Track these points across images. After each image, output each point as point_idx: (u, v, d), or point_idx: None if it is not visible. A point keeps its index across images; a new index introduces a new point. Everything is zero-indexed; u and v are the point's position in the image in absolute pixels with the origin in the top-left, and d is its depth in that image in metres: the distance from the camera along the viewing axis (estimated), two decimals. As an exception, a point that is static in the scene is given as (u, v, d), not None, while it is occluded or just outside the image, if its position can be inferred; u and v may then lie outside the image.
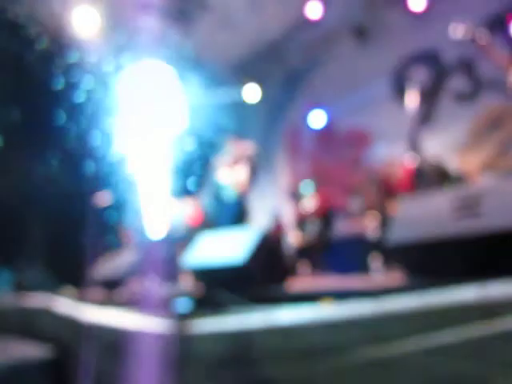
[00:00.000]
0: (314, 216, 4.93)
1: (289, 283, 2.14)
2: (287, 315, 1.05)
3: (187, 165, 4.93)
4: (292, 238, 5.13)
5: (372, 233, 4.07)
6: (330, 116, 6.34)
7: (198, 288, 2.28)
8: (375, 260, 3.81)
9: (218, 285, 1.99)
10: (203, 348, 1.19)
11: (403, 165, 3.98)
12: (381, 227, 3.89)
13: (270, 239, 2.20)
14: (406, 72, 5.50)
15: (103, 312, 1.68)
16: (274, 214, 5.74)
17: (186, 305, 1.74)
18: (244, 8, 5.49)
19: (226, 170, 3.84)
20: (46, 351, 1.82)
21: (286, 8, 5.74)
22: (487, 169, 4.45)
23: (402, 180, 3.79)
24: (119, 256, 3.38)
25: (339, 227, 5.50)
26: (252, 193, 4.00)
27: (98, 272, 3.24)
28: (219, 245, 2.21)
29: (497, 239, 1.15)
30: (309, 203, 5.04)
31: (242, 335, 1.10)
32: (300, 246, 4.89)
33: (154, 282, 2.46)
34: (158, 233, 3.78)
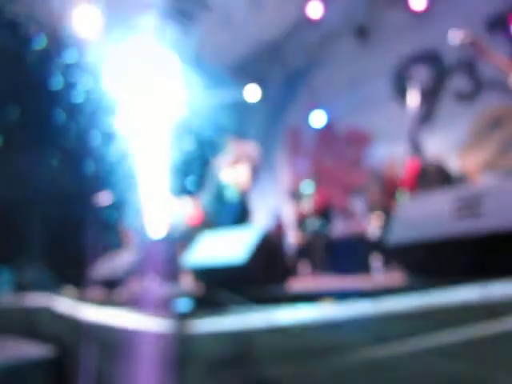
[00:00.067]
0: (312, 215, 4.93)
1: (289, 283, 2.14)
2: (287, 315, 1.04)
3: (187, 164, 4.93)
4: (292, 238, 5.13)
5: (373, 233, 4.07)
6: (330, 116, 6.34)
7: (198, 288, 2.28)
8: (376, 260, 3.80)
9: (218, 285, 1.98)
10: (203, 348, 1.18)
11: (407, 164, 3.97)
12: (384, 227, 3.88)
13: (271, 239, 2.19)
14: (406, 72, 5.49)
15: (103, 312, 1.68)
16: (275, 213, 5.74)
17: (186, 304, 1.73)
18: (244, 8, 5.49)
19: (227, 170, 3.84)
20: (46, 351, 1.82)
21: (286, 8, 5.74)
22: (488, 168, 4.45)
23: (406, 179, 3.78)
24: (119, 256, 3.38)
25: (340, 227, 5.50)
26: (253, 192, 4.00)
27: (98, 272, 3.24)
28: (219, 244, 2.20)
29: (498, 239, 1.15)
30: (308, 203, 5.04)
31: (242, 335, 1.10)
32: (300, 245, 4.89)
33: (154, 282, 2.47)
34: (158, 232, 3.78)
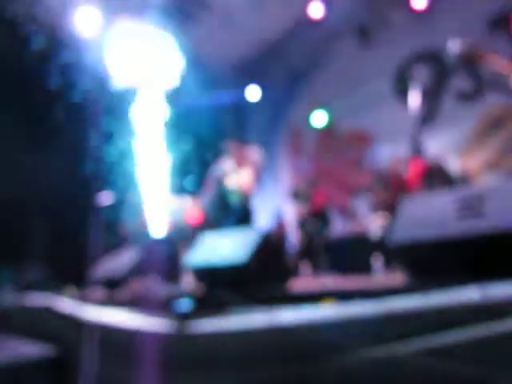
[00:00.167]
0: (313, 215, 4.93)
1: (290, 283, 2.13)
2: (288, 315, 1.04)
3: (187, 163, 4.94)
4: (293, 238, 5.13)
5: (374, 233, 4.06)
6: (331, 116, 6.34)
7: (198, 288, 2.28)
8: (377, 260, 3.79)
9: (219, 284, 1.98)
10: (203, 348, 1.18)
11: (412, 163, 3.95)
12: (388, 227, 3.86)
13: (272, 239, 2.19)
14: (408, 71, 5.48)
15: (104, 311, 1.68)
16: (276, 213, 5.73)
17: (187, 304, 1.73)
18: (245, 7, 5.49)
19: (231, 175, 3.84)
20: (47, 350, 1.82)
21: (287, 7, 5.74)
22: (490, 169, 4.43)
23: (411, 179, 3.77)
24: (120, 256, 3.38)
25: (341, 227, 5.49)
26: (255, 195, 4.01)
27: (99, 271, 3.24)
28: (220, 244, 2.20)
29: (500, 240, 1.14)
30: (309, 203, 5.04)
31: (243, 335, 1.10)
32: (301, 245, 4.89)
33: (155, 282, 2.46)
34: (160, 232, 3.78)
